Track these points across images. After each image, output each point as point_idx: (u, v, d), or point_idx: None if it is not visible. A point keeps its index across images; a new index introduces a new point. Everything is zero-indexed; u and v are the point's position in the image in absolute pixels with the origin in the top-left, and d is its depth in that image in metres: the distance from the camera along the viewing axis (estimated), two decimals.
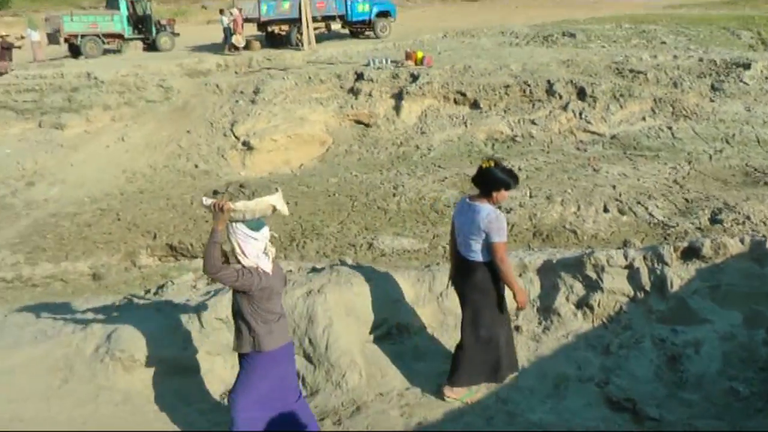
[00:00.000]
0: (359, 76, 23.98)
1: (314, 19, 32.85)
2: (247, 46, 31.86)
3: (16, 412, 6.73)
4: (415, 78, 23.07)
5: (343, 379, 6.71)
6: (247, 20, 32.36)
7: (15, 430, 6.50)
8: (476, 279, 6.28)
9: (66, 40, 33.48)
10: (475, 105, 21.86)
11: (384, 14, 35.27)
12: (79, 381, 7.12)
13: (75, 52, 33.52)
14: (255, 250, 5.72)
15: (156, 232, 16.32)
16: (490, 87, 22.02)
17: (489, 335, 6.36)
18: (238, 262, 5.70)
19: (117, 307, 8.49)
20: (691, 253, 7.39)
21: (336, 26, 35.18)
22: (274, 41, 33.76)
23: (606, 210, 14.43)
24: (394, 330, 7.29)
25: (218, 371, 7.29)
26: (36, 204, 19.63)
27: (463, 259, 6.37)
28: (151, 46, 35.11)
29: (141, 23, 35.37)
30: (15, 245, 16.32)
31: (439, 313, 7.35)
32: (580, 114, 20.75)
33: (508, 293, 6.32)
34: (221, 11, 34.32)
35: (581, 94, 21.47)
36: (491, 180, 6.08)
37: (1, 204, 19.45)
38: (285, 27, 33.52)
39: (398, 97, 22.70)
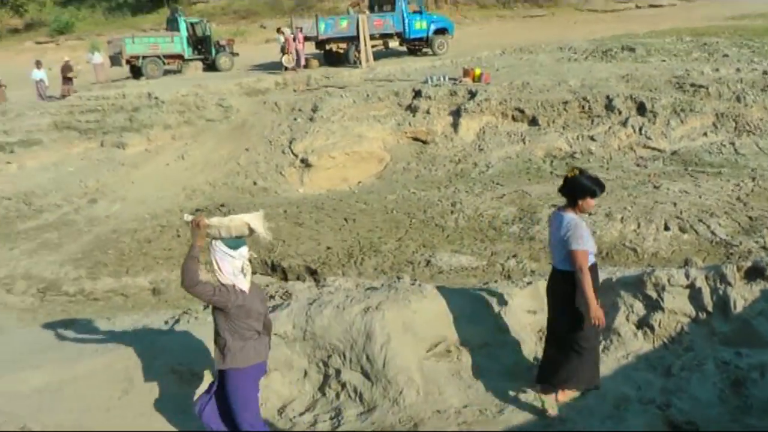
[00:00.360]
0: (417, 94, 23.98)
1: (372, 37, 33.04)
2: (306, 65, 32.10)
3: (77, 421, 6.86)
4: (473, 95, 22.98)
5: (401, 396, 6.69)
6: (306, 39, 32.64)
7: None
8: (563, 288, 6.31)
9: (128, 62, 34.28)
10: (533, 122, 21.70)
11: (441, 31, 35.31)
12: (139, 393, 7.23)
13: (136, 73, 34.30)
14: (232, 267, 5.87)
15: None
16: (549, 103, 21.86)
17: (570, 344, 6.35)
18: (218, 279, 5.90)
19: (176, 321, 8.60)
20: (755, 272, 7.24)
21: (394, 44, 35.27)
22: (332, 59, 33.97)
23: (667, 228, 14.18)
24: (452, 347, 7.24)
25: (275, 386, 7.33)
26: (98, 221, 19.95)
27: (553, 269, 6.46)
28: (210, 66, 35.73)
29: (201, 44, 36.06)
30: (77, 260, 16.60)
31: (498, 331, 7.28)
32: (640, 130, 20.45)
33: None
34: (278, 30, 34.71)
35: (641, 109, 21.16)
36: (576, 188, 6.16)
37: (64, 221, 19.80)
38: (343, 45, 33.73)
39: (456, 114, 22.62)
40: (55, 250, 17.44)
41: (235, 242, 5.92)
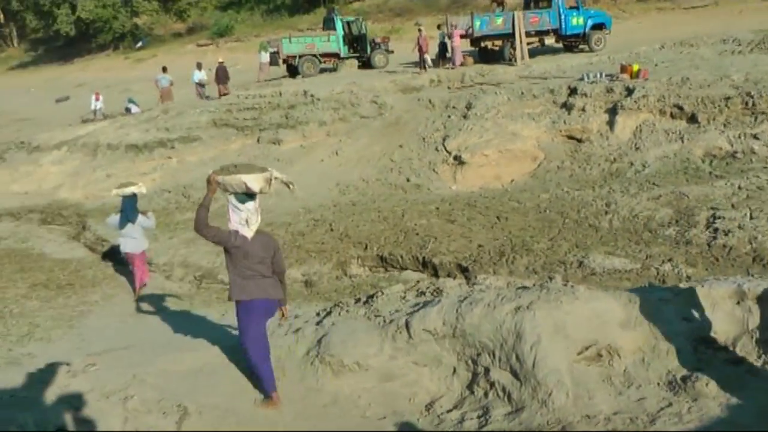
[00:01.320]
0: (573, 91, 23.51)
1: (527, 34, 32.68)
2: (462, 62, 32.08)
3: (230, 404, 7.13)
4: (630, 92, 22.32)
5: (549, 398, 6.62)
6: (463, 36, 32.68)
7: (229, 421, 6.89)
8: None
9: (284, 61, 35.29)
10: (692, 119, 20.83)
11: (599, 27, 34.47)
12: (290, 381, 7.49)
13: (293, 72, 35.29)
14: (237, 217, 7.34)
15: (367, 243, 16.68)
16: (709, 99, 20.91)
17: None
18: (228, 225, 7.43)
19: (328, 314, 8.80)
20: None
21: (549, 40, 34.81)
22: (486, 56, 33.82)
23: None
24: (603, 352, 7.10)
25: (424, 382, 7.41)
26: None
27: None
28: (365, 64, 36.28)
29: (356, 42, 36.77)
30: None
31: (651, 338, 7.07)
32: None
33: None
34: (439, 26, 34.90)
35: None
36: None
37: (220, 213, 20.43)
38: (498, 42, 33.50)
39: (612, 111, 22.02)
40: None
41: (242, 198, 7.28)
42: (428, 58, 31.30)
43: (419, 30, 32.15)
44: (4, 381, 7.24)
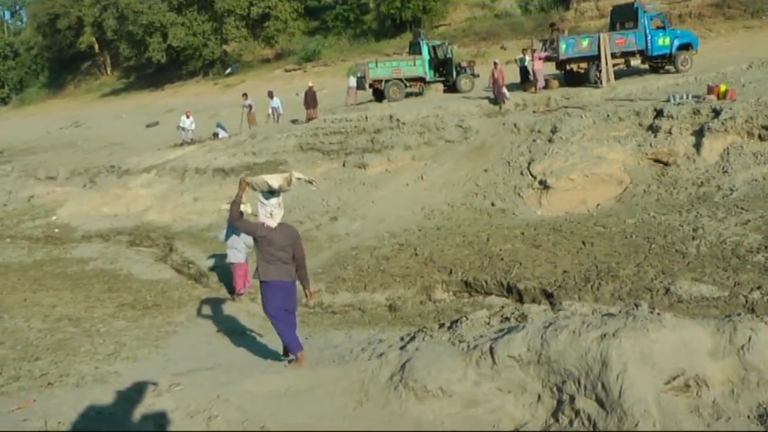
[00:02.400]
0: (658, 113, 23.13)
1: (613, 55, 32.37)
2: (546, 85, 31.89)
3: (314, 427, 7.22)
4: (717, 113, 21.84)
5: (636, 428, 6.51)
6: (548, 59, 32.61)
7: None
8: None
9: (371, 86, 35.59)
10: None
11: (685, 47, 33.84)
12: (373, 406, 7.52)
13: (379, 96, 35.54)
14: (263, 211, 9.20)
15: (452, 267, 16.73)
16: None
17: None
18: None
19: (412, 339, 8.86)
20: None
21: (635, 62, 34.36)
22: (572, 79, 33.61)
23: None
24: (692, 382, 7.00)
25: (509, 409, 7.37)
26: (338, 237, 20.86)
27: None
28: (451, 88, 36.35)
29: (442, 66, 36.94)
30: (317, 274, 17.34)
31: (740, 368, 6.92)
32: None
33: None
34: (524, 51, 34.83)
35: None
36: None
37: (306, 236, 20.69)
38: (583, 65, 33.27)
39: (699, 133, 21.58)
40: None
41: (267, 195, 9.09)
42: (506, 92, 30.71)
43: (494, 63, 31.93)
44: (92, 398, 7.47)
